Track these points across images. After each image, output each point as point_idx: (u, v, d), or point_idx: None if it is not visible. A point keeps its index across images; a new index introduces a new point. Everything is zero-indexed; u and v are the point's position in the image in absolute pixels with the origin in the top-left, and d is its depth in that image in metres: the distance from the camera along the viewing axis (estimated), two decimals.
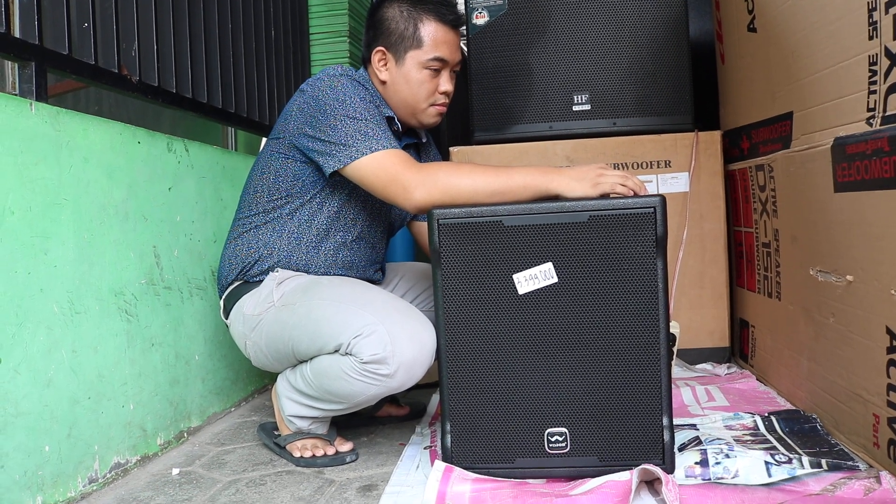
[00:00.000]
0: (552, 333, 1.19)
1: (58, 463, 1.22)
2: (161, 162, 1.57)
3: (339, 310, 1.32)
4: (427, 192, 1.29)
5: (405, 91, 1.50)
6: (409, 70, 1.48)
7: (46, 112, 1.24)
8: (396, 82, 1.50)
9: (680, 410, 1.56)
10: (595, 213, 1.17)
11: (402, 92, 1.50)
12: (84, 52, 1.42)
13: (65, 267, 1.26)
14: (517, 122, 2.07)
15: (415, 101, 1.50)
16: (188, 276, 1.66)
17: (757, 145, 1.75)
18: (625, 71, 2.02)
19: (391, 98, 1.52)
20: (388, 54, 1.49)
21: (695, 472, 1.19)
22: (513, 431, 1.21)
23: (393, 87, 1.50)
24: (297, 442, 1.44)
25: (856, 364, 1.26)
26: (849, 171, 1.24)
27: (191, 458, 1.49)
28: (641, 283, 1.17)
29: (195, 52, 1.84)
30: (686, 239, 2.00)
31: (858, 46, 1.19)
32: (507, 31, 2.06)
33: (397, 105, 1.52)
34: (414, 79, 1.48)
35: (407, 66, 1.48)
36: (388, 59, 1.50)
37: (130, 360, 1.43)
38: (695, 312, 2.01)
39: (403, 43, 1.47)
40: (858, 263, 1.23)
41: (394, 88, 1.50)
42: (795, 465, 1.17)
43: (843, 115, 1.27)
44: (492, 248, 1.20)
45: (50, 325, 1.22)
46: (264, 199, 1.50)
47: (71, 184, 1.28)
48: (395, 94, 1.51)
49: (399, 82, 1.49)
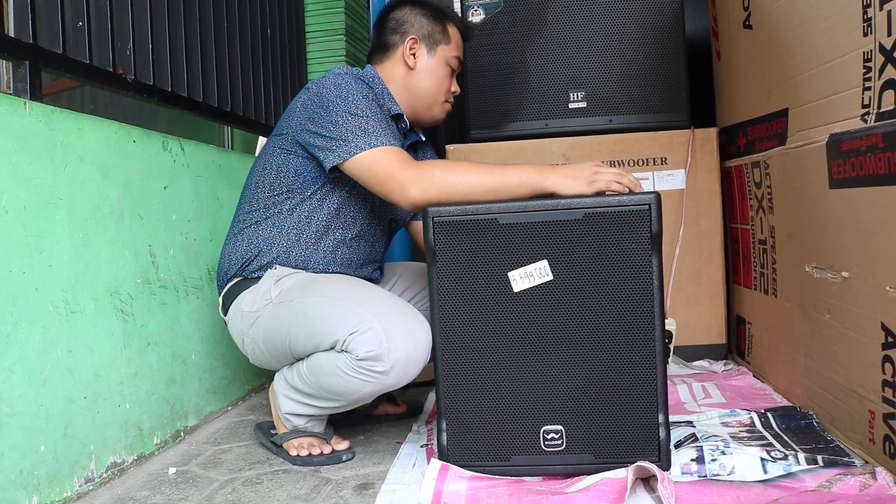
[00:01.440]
0: (547, 331, 1.19)
1: (54, 462, 1.22)
2: (156, 161, 1.57)
3: (335, 307, 1.32)
4: (423, 189, 1.30)
5: (429, 81, 1.58)
6: (437, 62, 1.58)
7: (41, 111, 1.24)
8: (424, 72, 1.57)
9: (676, 407, 1.56)
10: (590, 211, 1.17)
11: (426, 82, 1.58)
12: (79, 50, 1.42)
13: (60, 266, 1.26)
14: (513, 120, 2.07)
15: (437, 93, 1.59)
16: (184, 276, 1.66)
17: (753, 142, 1.75)
18: (621, 68, 2.01)
19: (414, 88, 1.57)
20: (420, 43, 1.57)
21: (691, 469, 1.19)
22: (509, 429, 1.21)
23: (419, 75, 1.57)
24: (294, 440, 1.44)
25: (851, 360, 1.26)
26: (844, 168, 1.24)
27: (187, 457, 1.49)
28: (637, 281, 1.17)
29: (191, 50, 1.84)
30: (682, 236, 2.00)
31: (853, 43, 1.19)
32: (503, 29, 2.06)
33: (418, 96, 1.58)
34: (440, 72, 1.59)
35: (437, 58, 1.58)
36: (420, 48, 1.57)
37: (126, 360, 1.43)
38: (692, 309, 2.01)
39: (435, 36, 1.58)
40: (854, 260, 1.23)
41: (420, 77, 1.57)
42: (791, 462, 1.17)
43: (838, 111, 1.27)
44: (487, 245, 1.20)
45: (45, 325, 1.22)
46: (265, 195, 1.50)
47: (66, 183, 1.28)
48: (420, 83, 1.57)
49: (426, 72, 1.58)
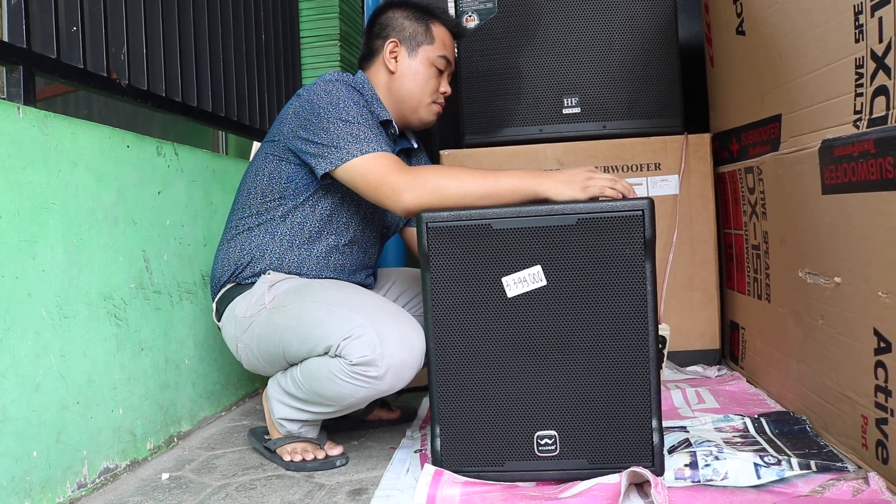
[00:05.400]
0: (541, 336, 1.20)
1: (46, 468, 1.22)
2: (150, 166, 1.57)
3: (329, 312, 1.32)
4: (416, 195, 1.30)
5: (412, 84, 1.56)
6: (419, 64, 1.56)
7: (34, 116, 1.23)
8: (405, 74, 1.56)
9: (670, 413, 1.56)
10: (583, 216, 1.18)
11: (409, 84, 1.56)
12: (73, 55, 1.42)
13: (53, 271, 1.26)
14: (507, 126, 2.07)
15: (421, 95, 1.57)
16: (178, 281, 1.66)
17: (746, 148, 1.76)
18: (614, 74, 2.02)
19: (397, 91, 1.57)
20: (400, 46, 1.57)
21: (684, 475, 1.19)
22: (502, 434, 1.21)
23: (401, 78, 1.56)
24: (288, 446, 1.44)
25: (844, 365, 1.27)
26: (836, 174, 1.24)
27: (181, 462, 1.49)
28: (630, 286, 1.17)
29: (185, 55, 1.84)
30: (676, 241, 2.00)
31: (845, 49, 1.20)
32: (498, 35, 2.07)
33: (402, 98, 1.57)
34: (423, 73, 1.57)
35: (419, 59, 1.57)
36: (401, 51, 1.57)
37: (120, 365, 1.43)
38: (685, 315, 2.02)
39: (416, 38, 1.57)
40: (846, 265, 1.24)
41: (402, 80, 1.56)
42: (784, 467, 1.17)
43: (830, 117, 1.28)
44: (481, 251, 1.20)
45: (38, 330, 1.21)
46: (257, 202, 1.51)
47: (59, 188, 1.28)
48: (402, 87, 1.56)
49: (407, 74, 1.56)
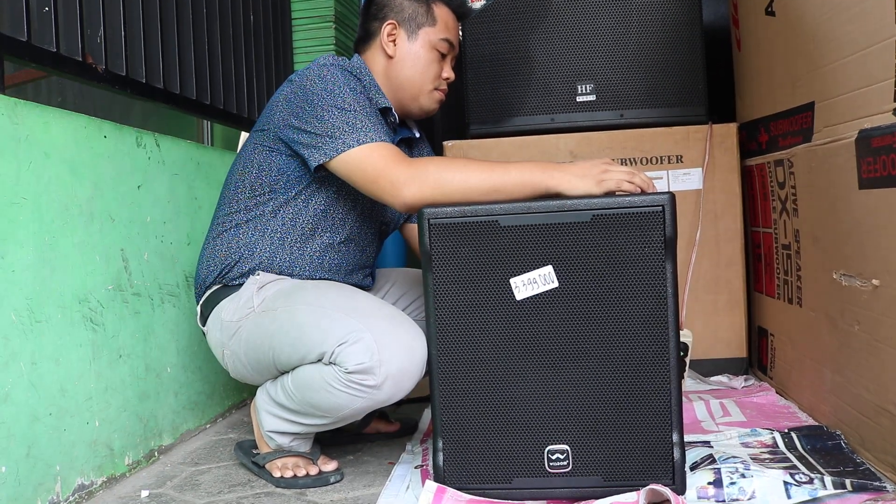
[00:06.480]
0: (552, 342, 1.19)
1: (15, 485, 1.21)
2: (129, 158, 1.56)
3: (323, 316, 1.31)
4: (417, 188, 1.29)
5: (412, 70, 1.55)
6: (420, 47, 1.55)
7: (3, 104, 1.23)
8: (405, 59, 1.55)
9: (692, 426, 1.56)
10: (599, 213, 1.17)
11: (409, 70, 1.55)
12: (45, 38, 1.41)
13: (23, 272, 1.25)
14: (516, 115, 2.07)
15: (422, 81, 1.56)
16: (159, 282, 1.66)
17: (776, 138, 1.75)
18: (632, 59, 2.02)
19: (395, 77, 1.55)
20: (399, 28, 1.55)
21: (707, 494, 1.18)
22: (510, 449, 1.21)
23: (400, 63, 1.55)
24: (278, 461, 1.43)
25: (884, 376, 1.26)
26: (874, 166, 1.23)
27: (162, 479, 1.48)
28: (649, 288, 1.17)
29: (167, 38, 1.83)
30: (699, 240, 2.00)
31: (885, 30, 1.19)
32: (506, 16, 2.06)
33: (401, 85, 1.56)
34: (423, 57, 1.55)
35: (419, 42, 1.55)
36: (399, 33, 1.55)
37: (96, 373, 1.42)
38: (709, 320, 2.01)
39: (417, 19, 1.55)
40: (885, 266, 1.23)
41: (401, 65, 1.55)
42: (817, 486, 1.16)
43: (868, 105, 1.27)
44: (487, 250, 1.20)
45: (7, 335, 1.21)
46: (246, 196, 1.50)
47: (30, 181, 1.28)
48: (401, 72, 1.55)
49: (407, 59, 1.55)
